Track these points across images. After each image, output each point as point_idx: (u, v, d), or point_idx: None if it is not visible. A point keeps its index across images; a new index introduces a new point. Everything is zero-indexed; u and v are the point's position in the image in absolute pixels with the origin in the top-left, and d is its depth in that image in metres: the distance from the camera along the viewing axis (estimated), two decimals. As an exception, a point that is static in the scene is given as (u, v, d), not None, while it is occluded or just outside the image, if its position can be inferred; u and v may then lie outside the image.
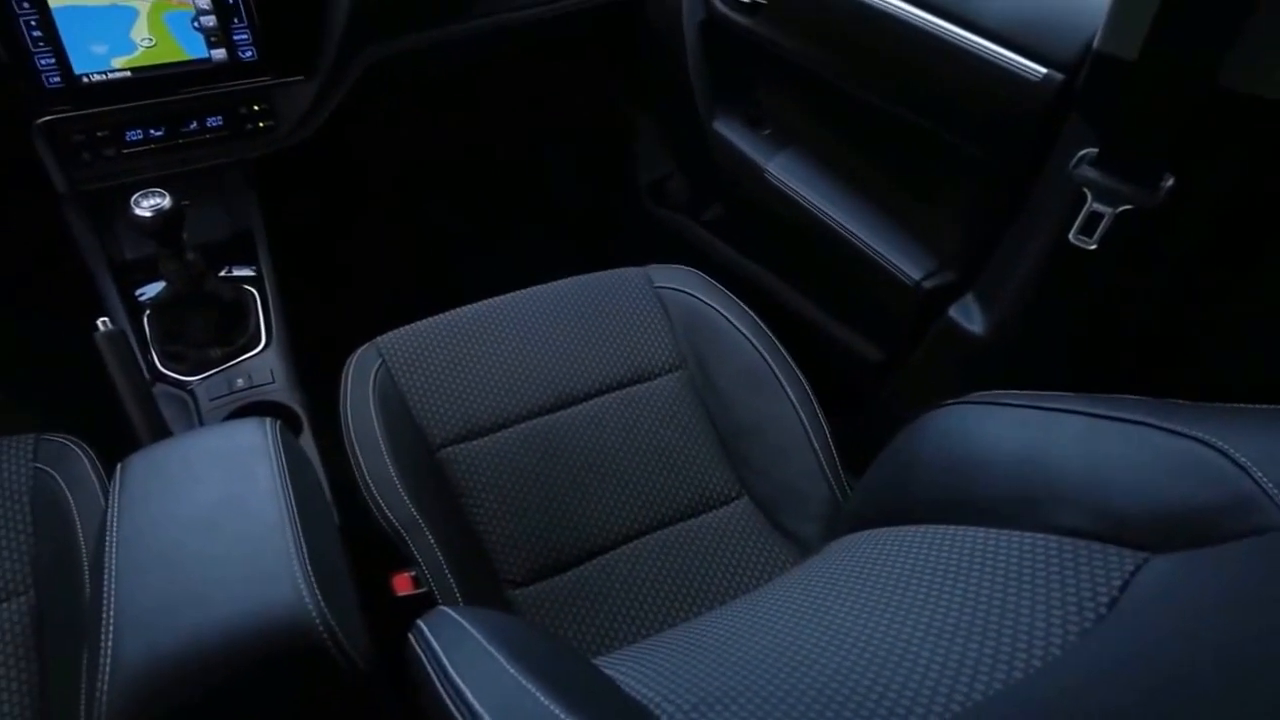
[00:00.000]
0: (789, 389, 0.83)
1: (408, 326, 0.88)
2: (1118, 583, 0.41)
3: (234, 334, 0.95)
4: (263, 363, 0.94)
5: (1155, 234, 0.71)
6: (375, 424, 0.78)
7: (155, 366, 0.92)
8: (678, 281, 0.96)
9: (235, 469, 0.53)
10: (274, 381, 0.92)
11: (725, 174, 1.13)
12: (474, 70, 1.30)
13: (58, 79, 0.89)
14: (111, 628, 0.43)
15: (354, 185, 1.39)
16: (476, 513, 0.77)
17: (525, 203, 1.59)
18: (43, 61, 0.88)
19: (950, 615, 0.45)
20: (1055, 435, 0.51)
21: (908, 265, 0.91)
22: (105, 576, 0.46)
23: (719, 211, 1.27)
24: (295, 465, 0.56)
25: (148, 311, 0.95)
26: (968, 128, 0.82)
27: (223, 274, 1.02)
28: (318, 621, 0.43)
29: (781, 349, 0.88)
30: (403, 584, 0.66)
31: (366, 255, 1.44)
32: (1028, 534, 0.48)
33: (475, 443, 0.81)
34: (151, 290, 1.00)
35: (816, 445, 0.80)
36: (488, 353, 0.86)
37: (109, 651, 0.42)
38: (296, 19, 0.98)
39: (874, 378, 1.03)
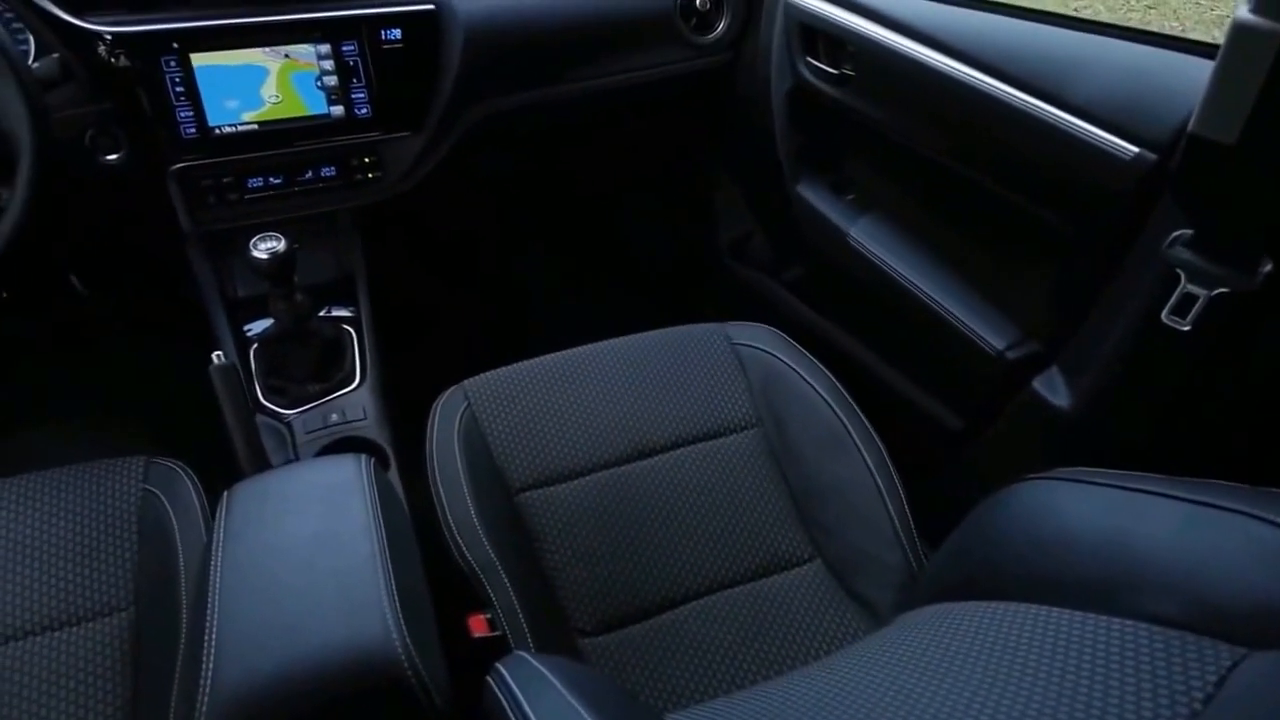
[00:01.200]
0: (865, 452, 0.84)
1: (494, 371, 0.93)
2: (1213, 678, 0.41)
3: (331, 371, 1.01)
4: (356, 400, 1.00)
5: (1252, 317, 0.70)
6: (459, 465, 0.82)
7: (258, 398, 0.99)
8: (756, 339, 0.98)
9: (332, 504, 0.56)
10: (365, 418, 0.98)
11: (807, 236, 1.16)
12: (566, 128, 1.38)
13: (194, 130, 0.99)
14: (212, 651, 0.46)
15: (448, 234, 1.48)
16: (551, 558, 0.79)
17: (607, 255, 1.65)
18: (182, 115, 0.98)
19: (1034, 700, 0.45)
20: (1146, 519, 0.51)
21: (990, 334, 0.92)
22: (209, 600, 0.50)
23: (799, 271, 1.30)
24: (387, 503, 0.59)
25: (254, 346, 1.03)
26: (1054, 201, 0.83)
27: (323, 313, 1.09)
28: (403, 659, 0.46)
29: (858, 411, 0.89)
30: (478, 625, 0.69)
31: (454, 299, 1.51)
32: (1116, 620, 0.47)
33: (553, 489, 0.84)
34: (258, 326, 1.08)
35: (892, 511, 0.80)
36: (569, 401, 0.90)
37: (209, 673, 0.46)
38: (409, 81, 1.06)
39: (952, 445, 1.02)
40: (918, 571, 0.79)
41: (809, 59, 1.08)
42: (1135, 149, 0.73)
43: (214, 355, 0.80)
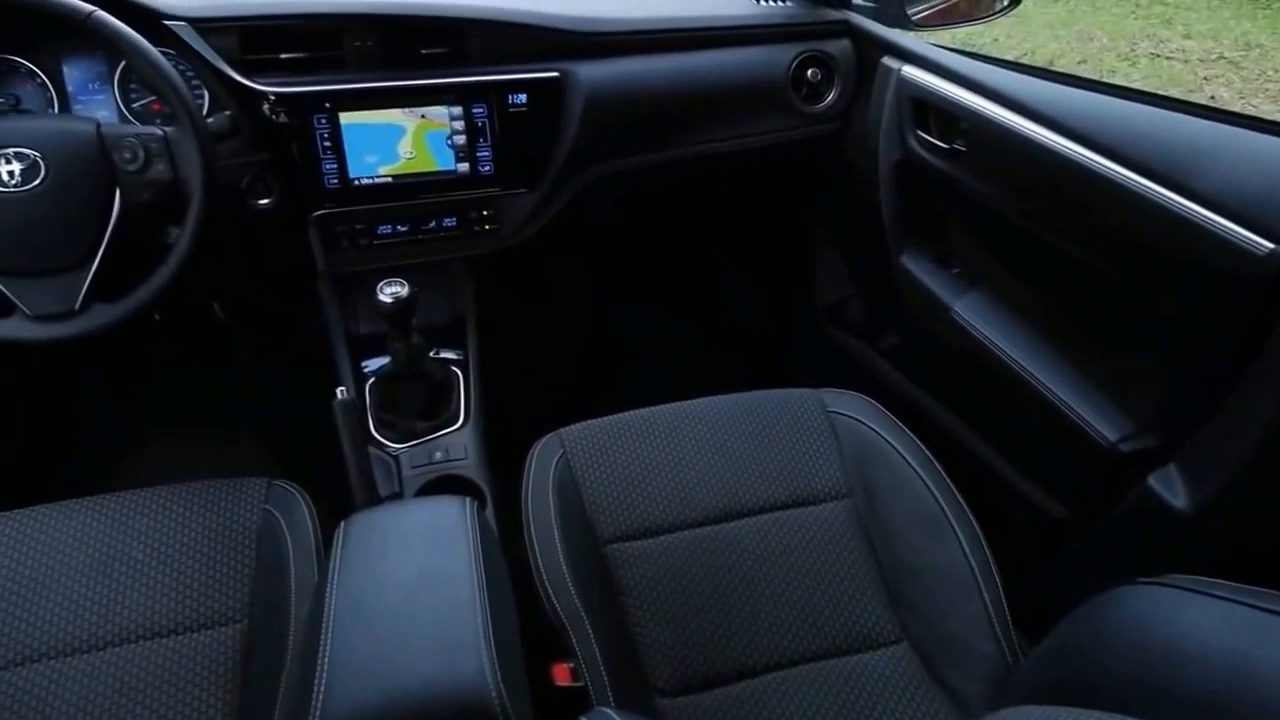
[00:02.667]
0: (960, 533, 0.82)
1: (590, 421, 0.96)
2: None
3: (438, 410, 1.08)
4: (459, 440, 1.05)
5: None
6: (552, 513, 0.85)
7: (370, 431, 1.06)
8: (851, 408, 0.98)
9: (438, 543, 0.60)
10: (466, 458, 1.03)
11: (909, 307, 1.15)
12: (672, 188, 1.43)
13: (336, 181, 1.08)
14: (325, 676, 0.50)
15: (552, 284, 1.55)
16: (634, 613, 0.81)
17: (702, 313, 1.68)
18: (327, 166, 1.08)
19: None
20: (1270, 640, 0.48)
21: (1102, 424, 0.89)
22: (323, 626, 0.54)
23: (896, 341, 1.29)
24: (487, 546, 0.63)
25: (370, 382, 1.10)
26: (1176, 292, 0.80)
27: (433, 354, 1.16)
28: (495, 701, 0.48)
29: (954, 489, 0.87)
30: (562, 674, 0.71)
31: (553, 347, 1.57)
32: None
33: (640, 543, 0.86)
34: (374, 363, 1.16)
35: (987, 597, 0.77)
36: (662, 456, 0.92)
37: (320, 697, 0.49)
38: (529, 142, 1.14)
39: (1054, 535, 0.98)
40: (1011, 665, 0.76)
41: (919, 132, 1.09)
42: (1270, 245, 0.70)
43: (338, 390, 0.87)
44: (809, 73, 1.25)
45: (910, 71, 1.11)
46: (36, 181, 0.84)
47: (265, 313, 1.54)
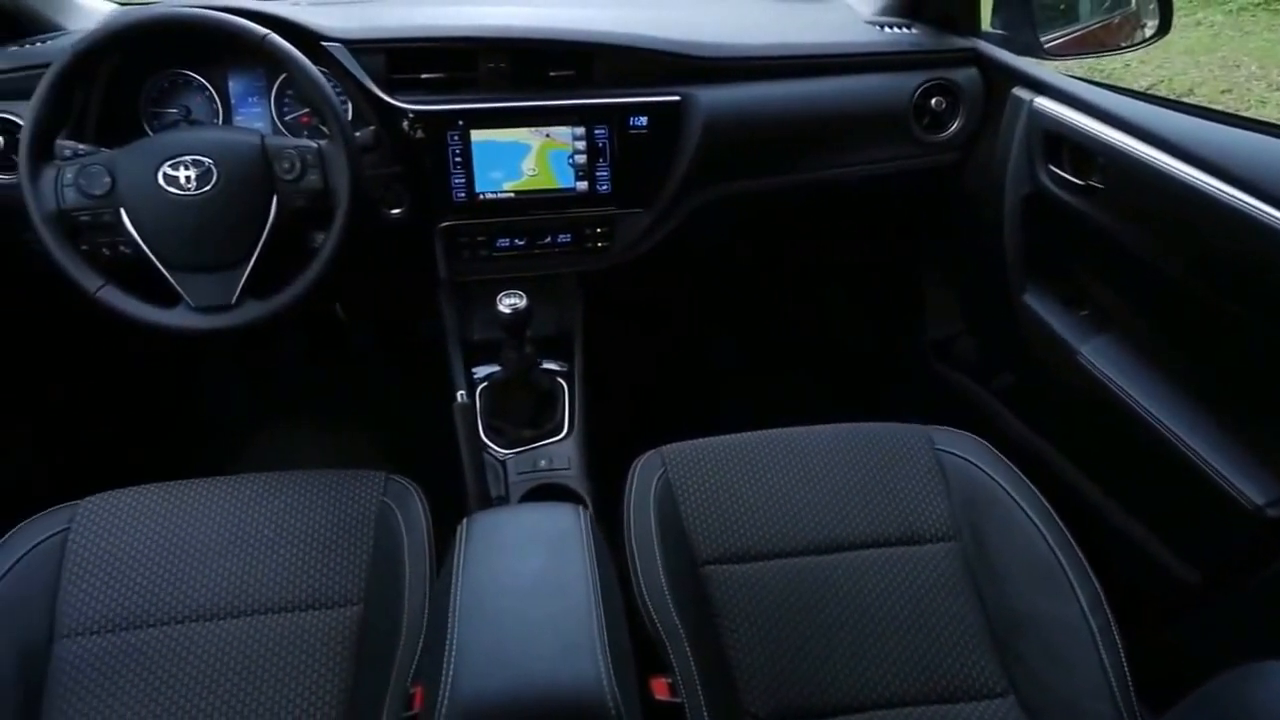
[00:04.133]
0: (1079, 589, 0.79)
1: (692, 441, 0.98)
2: None
3: (544, 419, 1.12)
4: (562, 450, 1.09)
5: None
6: (652, 529, 0.87)
7: (480, 436, 1.11)
8: (961, 448, 0.96)
9: (555, 547, 0.63)
10: (570, 468, 1.06)
11: (1030, 348, 1.12)
12: (783, 213, 1.43)
13: (463, 195, 1.14)
14: (452, 664, 0.53)
15: (659, 301, 1.58)
16: (730, 636, 0.81)
17: (804, 340, 1.68)
18: (456, 181, 1.14)
19: None
20: None
21: (1247, 485, 0.83)
22: (450, 616, 0.57)
23: (1009, 380, 1.25)
24: (600, 554, 0.65)
25: (480, 388, 1.16)
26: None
27: (541, 365, 1.20)
28: (611, 707, 0.50)
29: (1072, 542, 0.84)
30: (660, 688, 0.72)
31: (655, 363, 1.60)
32: None
33: (739, 566, 0.86)
34: (482, 371, 1.22)
35: (1106, 660, 0.74)
36: (764, 481, 0.92)
37: (448, 683, 0.52)
38: (647, 163, 1.17)
39: (1185, 600, 0.92)
40: None
41: (1051, 167, 1.06)
42: None
43: (459, 394, 0.92)
44: (933, 101, 1.23)
45: (1044, 104, 1.08)
46: (209, 186, 0.93)
47: (382, 315, 1.63)
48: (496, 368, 1.20)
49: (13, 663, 0.77)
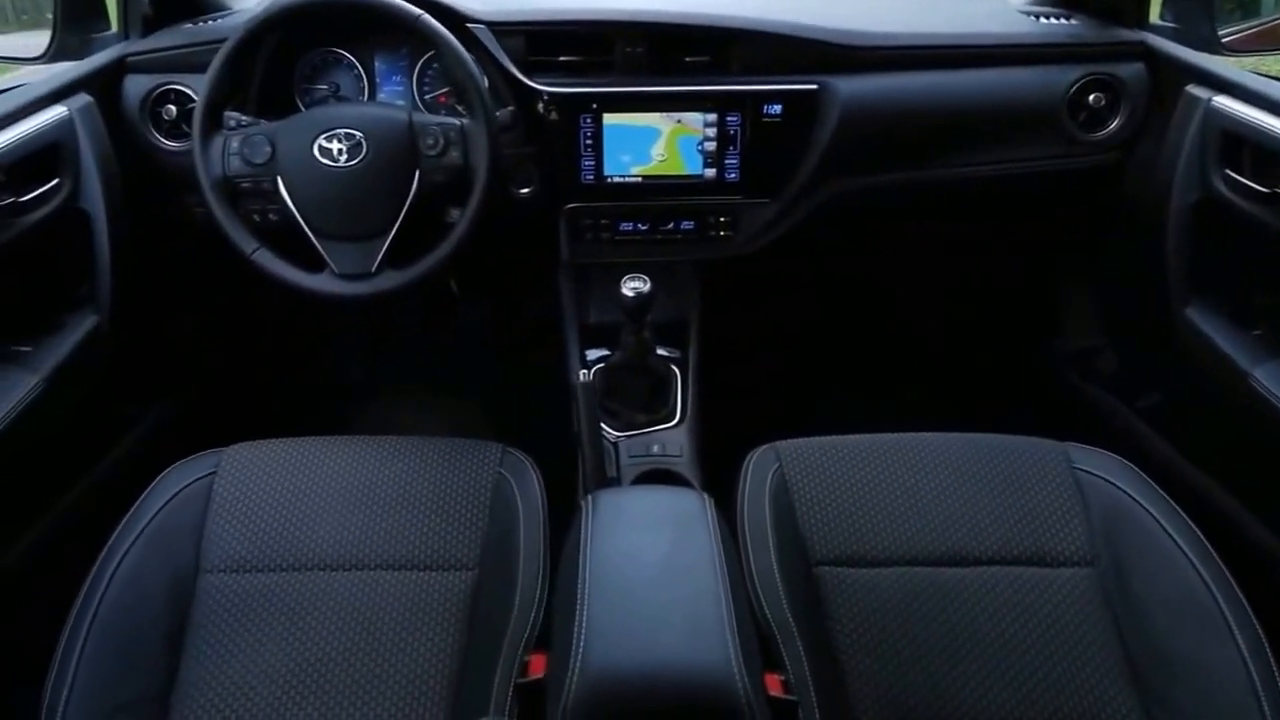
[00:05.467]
0: (1238, 632, 0.73)
1: (809, 439, 0.96)
2: None
3: (657, 404, 1.12)
4: (674, 436, 1.09)
5: None
6: (767, 524, 0.86)
7: (598, 415, 1.13)
8: (1102, 468, 0.90)
9: (682, 529, 0.63)
10: (681, 456, 1.06)
11: (1188, 366, 1.04)
12: (916, 211, 1.39)
13: (591, 178, 1.16)
14: (583, 637, 0.54)
15: (773, 295, 1.56)
16: (842, 640, 0.80)
17: (929, 344, 1.62)
18: (585, 163, 1.16)
19: None
20: None
21: None
22: (579, 589, 0.58)
23: (1160, 400, 1.16)
24: (725, 541, 0.65)
25: (598, 369, 1.17)
26: None
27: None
28: (742, 695, 0.50)
29: (1231, 581, 0.77)
30: (774, 684, 0.71)
31: (766, 358, 1.58)
32: None
33: (854, 570, 0.84)
34: (594, 353, 1.24)
35: (1269, 714, 0.68)
36: (884, 485, 0.90)
37: (579, 655, 0.53)
38: (778, 153, 1.15)
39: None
40: None
41: (1229, 171, 0.98)
42: None
43: (580, 373, 0.94)
44: (1091, 97, 1.16)
45: (1223, 102, 1.00)
46: (359, 159, 0.98)
47: (495, 292, 1.68)
48: (607, 351, 1.22)
49: (165, 590, 0.85)
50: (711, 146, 1.15)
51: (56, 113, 1.05)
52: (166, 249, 1.27)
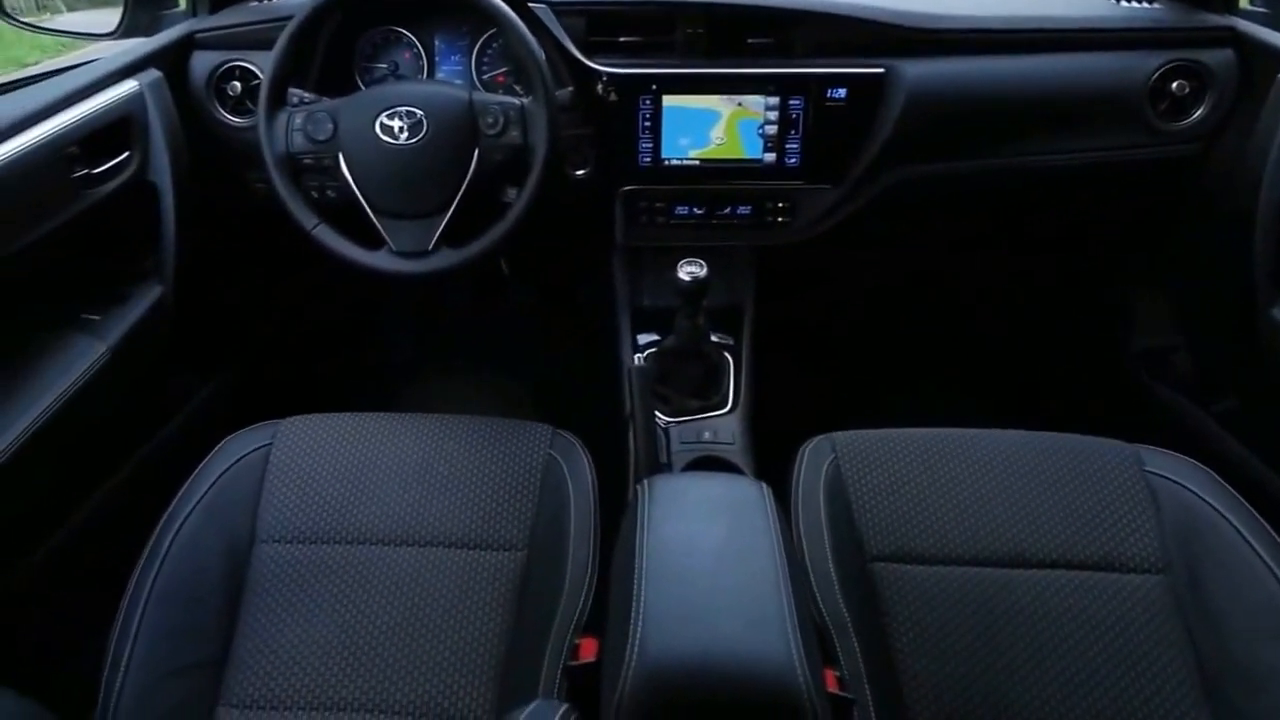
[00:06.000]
0: (1322, 648, 0.70)
1: (866, 431, 0.94)
2: None
3: (709, 391, 1.12)
4: (726, 424, 1.08)
5: None
6: (822, 516, 0.84)
7: (651, 400, 1.13)
8: (1176, 472, 0.87)
9: (741, 518, 0.62)
10: (733, 444, 1.06)
11: (1273, 369, 0.99)
12: (981, 200, 1.35)
13: (648, 160, 1.15)
14: (641, 619, 0.53)
15: (831, 286, 1.53)
16: (897, 638, 0.78)
17: (989, 339, 1.58)
18: (643, 145, 1.15)
19: None
20: None
21: None
22: (636, 574, 0.57)
23: (1235, 403, 1.12)
24: (784, 532, 0.64)
25: (650, 353, 1.17)
26: None
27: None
28: (804, 689, 0.49)
29: None
30: (829, 680, 0.70)
31: (819, 348, 1.56)
32: None
33: (910, 567, 0.82)
34: (645, 338, 1.23)
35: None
36: (944, 481, 0.88)
37: (636, 641, 0.52)
38: (840, 138, 1.13)
39: None
40: None
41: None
42: None
43: (635, 356, 0.93)
44: (1174, 85, 1.11)
45: (1321, 91, 0.95)
46: (419, 137, 0.99)
47: (545, 274, 1.69)
48: (657, 336, 1.21)
49: (221, 556, 0.87)
50: (772, 130, 1.13)
51: (128, 87, 1.08)
52: (227, 225, 1.30)
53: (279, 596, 0.85)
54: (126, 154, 1.07)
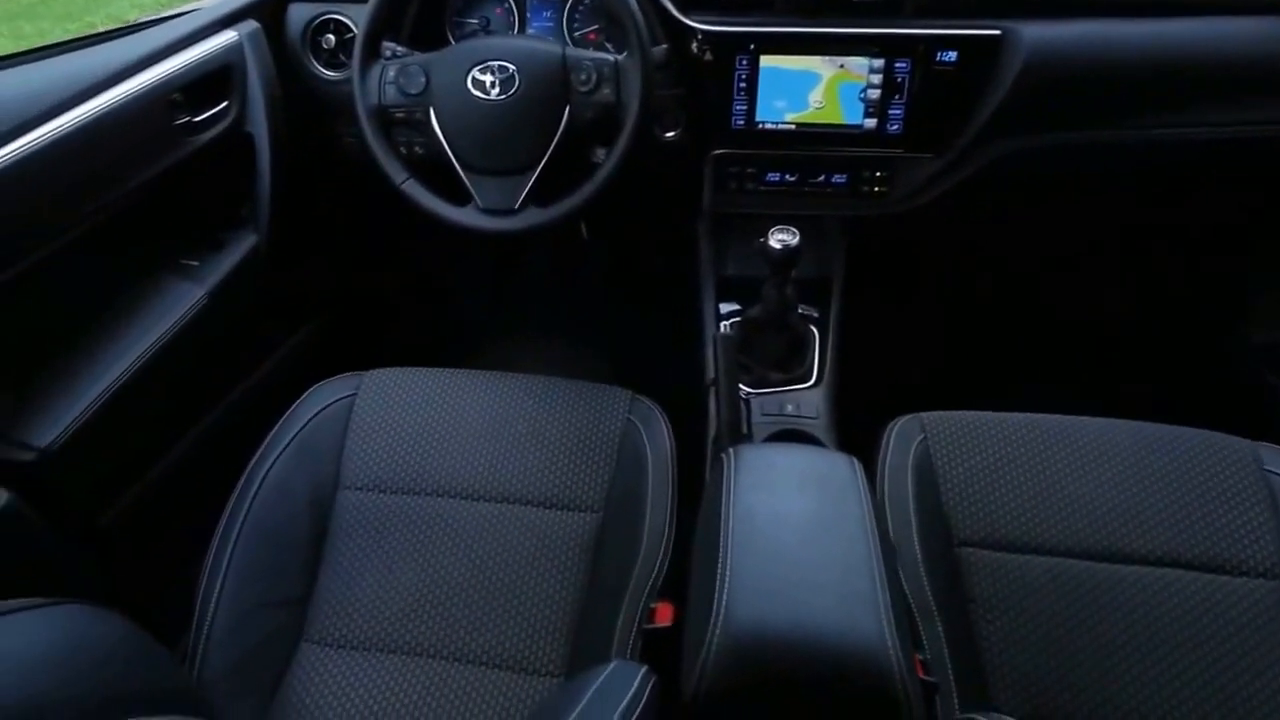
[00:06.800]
0: None
1: (957, 412, 0.92)
2: None
3: (793, 363, 1.10)
4: (810, 398, 1.07)
5: None
6: (909, 497, 0.83)
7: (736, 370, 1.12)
8: None
9: (831, 493, 0.61)
10: (817, 418, 1.04)
11: None
12: (1095, 176, 1.29)
13: (741, 122, 1.13)
14: (727, 587, 0.54)
15: (925, 261, 1.49)
16: (984, 626, 0.77)
17: (1092, 323, 1.51)
18: (737, 107, 1.13)
19: None
20: None
21: None
22: (722, 541, 0.57)
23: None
24: (877, 510, 0.63)
25: (734, 322, 1.16)
26: None
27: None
28: (896, 669, 0.48)
29: None
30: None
31: (909, 326, 1.52)
32: None
33: (1001, 555, 0.80)
34: (725, 307, 1.22)
35: None
36: (1036, 468, 0.85)
37: (723, 604, 0.53)
38: (948, 104, 1.09)
39: None
40: None
41: None
42: None
43: (721, 324, 0.92)
44: None
45: None
46: (511, 92, 0.99)
47: (626, 239, 1.68)
48: (738, 306, 1.20)
49: (307, 500, 0.91)
50: (875, 95, 1.10)
51: (228, 37, 1.11)
52: (318, 178, 1.34)
53: (360, 542, 0.89)
54: (225, 103, 1.11)
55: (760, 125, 1.13)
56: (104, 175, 0.93)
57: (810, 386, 1.09)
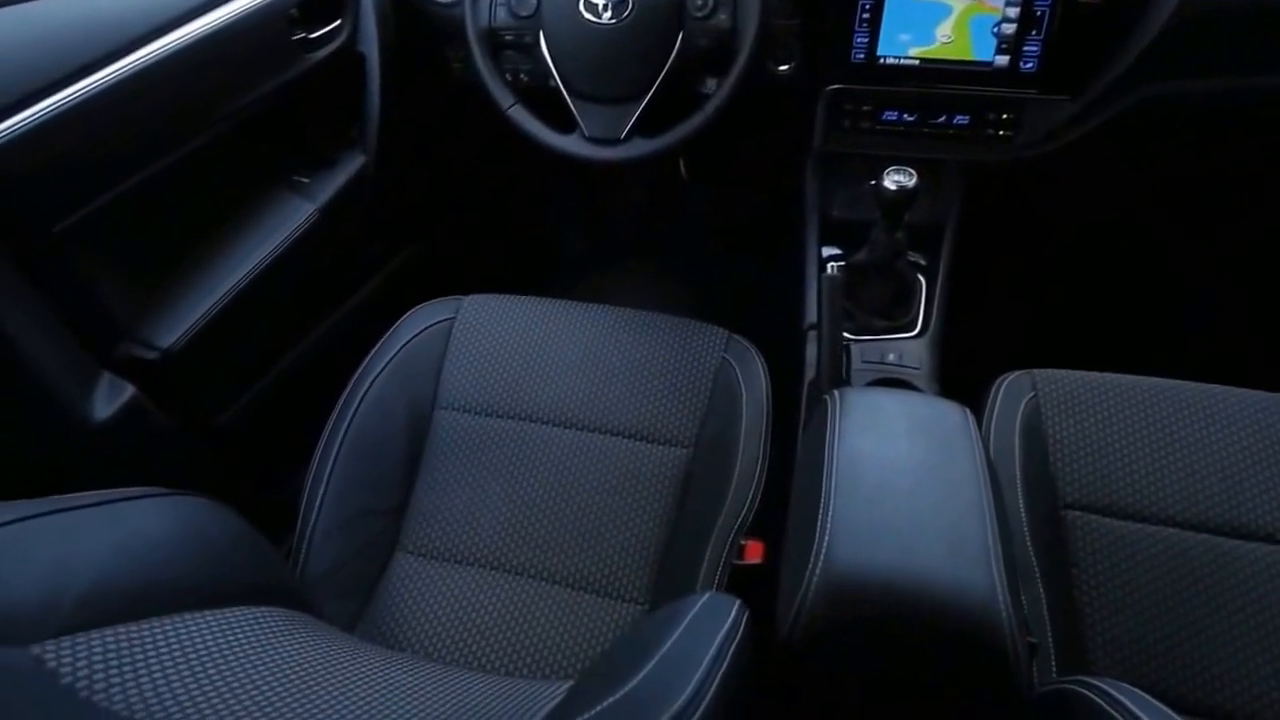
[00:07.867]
0: None
1: (1070, 371, 0.89)
2: None
3: (897, 311, 1.08)
4: (913, 348, 1.05)
5: None
6: (1015, 454, 0.81)
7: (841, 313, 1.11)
8: None
9: (941, 440, 0.60)
10: (919, 369, 1.02)
11: None
12: (1233, 131, 1.19)
13: (862, 56, 1.09)
14: (830, 528, 0.54)
15: (1044, 212, 1.42)
16: (1086, 592, 0.75)
17: (1220, 290, 1.42)
18: (858, 40, 1.09)
19: None
20: None
21: None
22: (824, 484, 0.57)
23: None
24: (989, 460, 0.62)
25: (840, 265, 1.14)
26: None
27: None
28: (1006, 625, 0.47)
29: None
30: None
31: (1024, 281, 1.47)
32: None
33: (1109, 520, 0.78)
34: (827, 250, 1.20)
35: None
36: (1153, 434, 0.82)
37: (824, 545, 0.53)
38: (1091, 41, 1.02)
39: None
40: None
41: None
42: None
43: (830, 265, 0.91)
44: None
45: None
46: (623, 16, 0.99)
47: (727, 177, 1.66)
48: (838, 250, 1.17)
49: (405, 416, 0.95)
50: (1010, 29, 1.04)
51: (342, -45, 1.14)
52: (425, 103, 1.37)
53: (454, 460, 0.93)
54: (338, 22, 1.14)
55: (881, 60, 1.09)
56: (226, 85, 0.98)
57: (914, 336, 1.07)
